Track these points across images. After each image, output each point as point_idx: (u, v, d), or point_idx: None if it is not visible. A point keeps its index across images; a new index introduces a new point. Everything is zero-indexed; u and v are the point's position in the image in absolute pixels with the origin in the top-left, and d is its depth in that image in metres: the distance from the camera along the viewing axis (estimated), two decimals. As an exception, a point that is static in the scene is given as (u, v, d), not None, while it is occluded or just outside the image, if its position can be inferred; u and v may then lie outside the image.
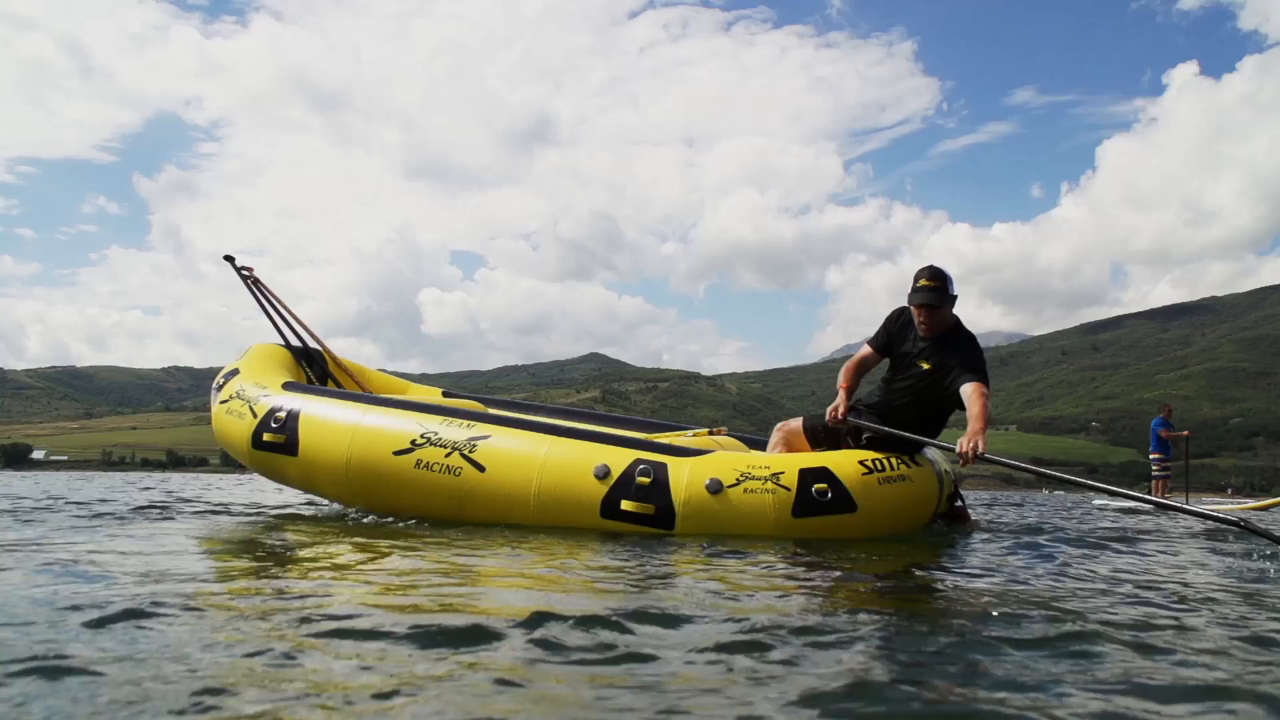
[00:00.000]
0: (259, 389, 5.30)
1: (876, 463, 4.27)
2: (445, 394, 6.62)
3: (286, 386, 5.32)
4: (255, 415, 5.15)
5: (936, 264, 4.50)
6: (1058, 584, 2.71)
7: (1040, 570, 3.09)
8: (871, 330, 4.75)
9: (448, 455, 4.60)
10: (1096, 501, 12.76)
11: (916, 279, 4.46)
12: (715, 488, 4.10)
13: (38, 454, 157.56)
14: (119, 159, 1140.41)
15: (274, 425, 5.05)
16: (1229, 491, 63.70)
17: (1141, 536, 4.88)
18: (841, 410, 4.55)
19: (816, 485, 4.09)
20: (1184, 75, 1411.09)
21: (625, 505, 4.20)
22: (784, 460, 4.31)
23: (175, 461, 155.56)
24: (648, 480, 4.18)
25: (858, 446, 4.49)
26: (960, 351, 4.36)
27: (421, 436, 4.69)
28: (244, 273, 6.05)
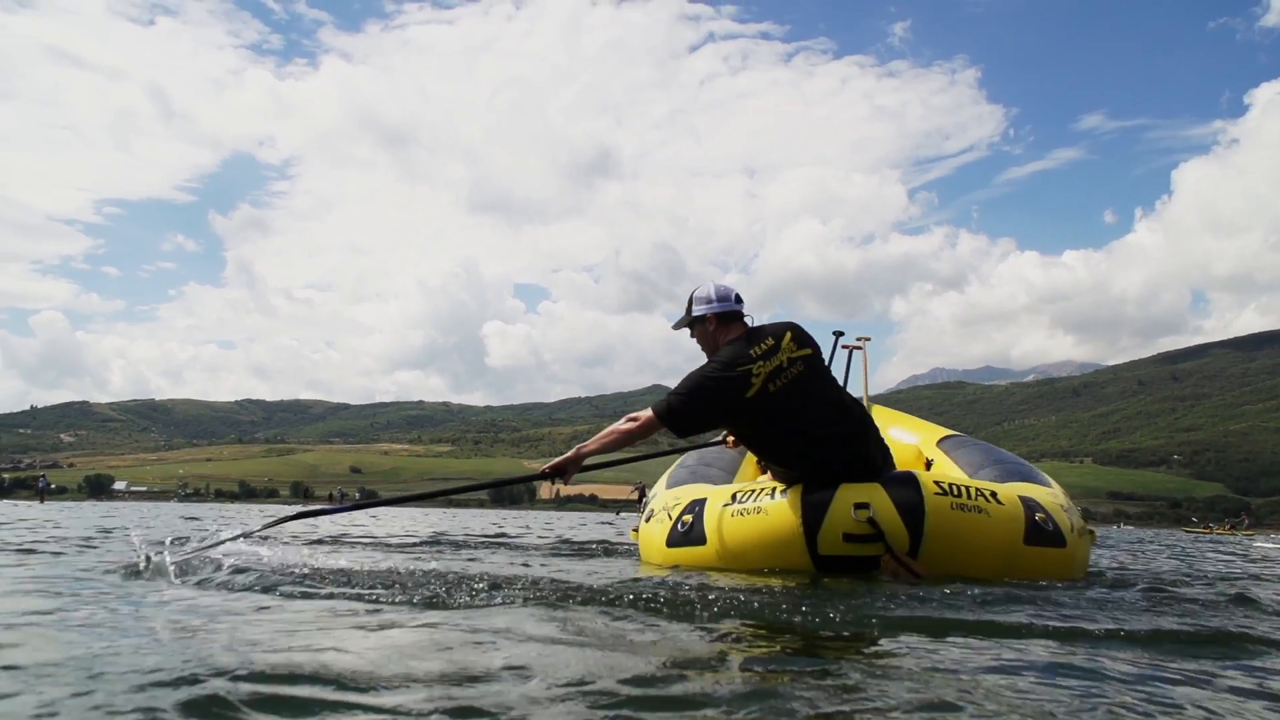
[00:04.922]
0: None
1: (745, 494, 3.79)
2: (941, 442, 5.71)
3: None
4: None
5: (720, 282, 4.04)
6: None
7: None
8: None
9: None
10: (1259, 543, 12.11)
11: None
12: (649, 516, 4.46)
13: (119, 485, 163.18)
14: (197, 198, 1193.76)
15: None
16: None
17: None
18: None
19: (684, 516, 3.99)
20: (1268, 94, 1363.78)
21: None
22: (694, 490, 4.25)
23: (247, 493, 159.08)
24: (639, 503, 5.03)
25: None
26: None
27: None
28: (855, 345, 6.61)
